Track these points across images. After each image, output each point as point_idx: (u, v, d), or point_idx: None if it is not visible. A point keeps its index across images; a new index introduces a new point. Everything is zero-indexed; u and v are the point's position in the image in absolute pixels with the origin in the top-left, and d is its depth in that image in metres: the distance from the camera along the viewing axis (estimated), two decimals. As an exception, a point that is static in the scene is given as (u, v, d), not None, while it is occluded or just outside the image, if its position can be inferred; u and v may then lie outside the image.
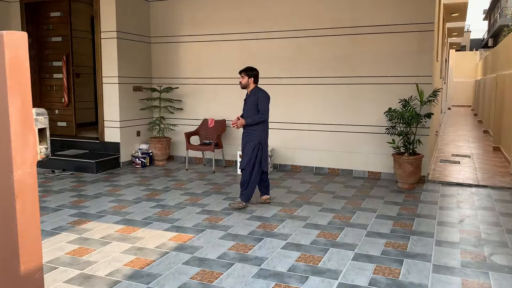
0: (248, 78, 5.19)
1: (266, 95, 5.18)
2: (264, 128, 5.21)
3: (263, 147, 5.20)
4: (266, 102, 5.14)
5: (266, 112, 5.14)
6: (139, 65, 7.95)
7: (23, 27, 8.05)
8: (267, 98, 5.17)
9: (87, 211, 5.05)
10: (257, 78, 5.24)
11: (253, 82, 5.21)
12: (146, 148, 7.80)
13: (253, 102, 5.17)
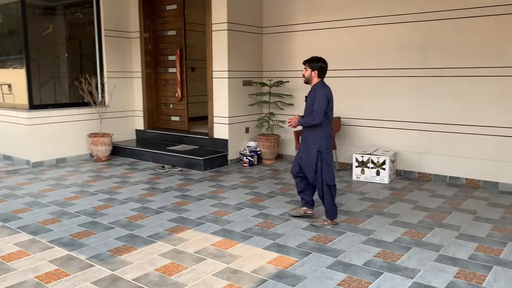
0: (312, 70, 4.30)
1: (325, 92, 4.21)
2: (323, 133, 4.28)
3: (323, 156, 4.29)
4: (322, 101, 4.17)
5: (319, 113, 4.16)
6: (249, 58, 7.51)
7: (141, 21, 8.17)
8: (324, 96, 4.19)
9: (188, 215, 4.73)
10: (323, 71, 4.31)
11: (317, 75, 4.31)
12: (254, 146, 7.36)
13: (311, 101, 4.29)
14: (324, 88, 4.25)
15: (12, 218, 4.62)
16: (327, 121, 4.27)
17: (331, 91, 4.30)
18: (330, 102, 4.26)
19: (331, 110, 4.30)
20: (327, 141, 4.30)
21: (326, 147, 4.30)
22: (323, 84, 4.31)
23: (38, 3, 7.91)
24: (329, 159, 4.33)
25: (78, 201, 5.27)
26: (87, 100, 7.54)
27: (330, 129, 4.34)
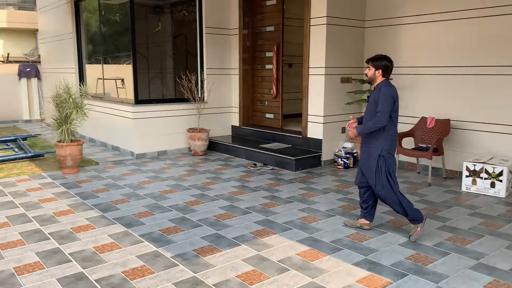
0: (375, 69, 3.98)
1: (390, 91, 3.87)
2: (386, 136, 3.93)
3: (386, 160, 3.95)
4: (387, 101, 3.84)
5: (384, 114, 3.82)
6: (349, 53, 7.10)
7: (240, 18, 8.18)
8: (389, 95, 3.85)
9: (275, 218, 4.56)
10: (388, 70, 3.97)
11: (381, 75, 3.97)
12: (350, 147, 6.96)
13: (373, 102, 3.95)
14: (389, 88, 3.93)
15: (111, 209, 4.88)
16: (391, 123, 3.95)
17: (396, 91, 3.97)
18: (396, 102, 3.92)
19: (396, 111, 3.96)
20: (390, 145, 3.97)
21: (389, 151, 3.98)
22: (387, 83, 3.99)
23: (149, 2, 8.35)
24: (393, 164, 4.00)
25: (172, 195, 5.41)
26: (187, 96, 7.77)
27: (395, 131, 4.00)
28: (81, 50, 9.75)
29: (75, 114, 6.49)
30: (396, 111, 3.95)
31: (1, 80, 12.17)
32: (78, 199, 5.24)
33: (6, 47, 14.34)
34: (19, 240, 3.97)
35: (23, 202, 5.12)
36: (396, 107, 3.94)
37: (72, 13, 9.59)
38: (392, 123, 3.96)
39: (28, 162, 7.19)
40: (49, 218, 4.56)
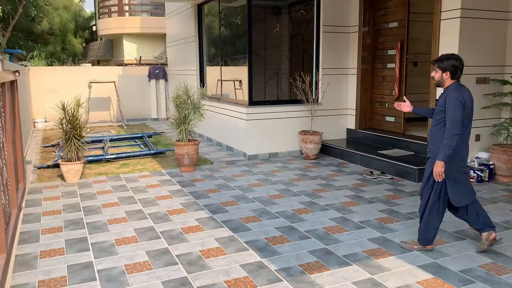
0: (442, 71, 3.55)
1: (457, 96, 3.40)
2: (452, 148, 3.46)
3: (449, 171, 3.51)
4: (455, 108, 3.39)
5: (454, 122, 3.38)
6: (486, 50, 6.16)
7: (360, 14, 7.69)
8: (457, 101, 3.39)
9: (392, 237, 4.08)
10: (457, 70, 3.50)
11: (450, 77, 3.53)
12: (486, 157, 6.04)
13: (439, 107, 3.53)
14: (458, 92, 3.47)
15: (220, 211, 4.86)
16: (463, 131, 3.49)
17: (469, 95, 3.51)
18: (466, 108, 3.45)
19: (468, 119, 3.51)
20: (455, 159, 3.52)
21: (459, 165, 3.57)
22: (457, 86, 3.54)
23: (267, 4, 8.32)
24: (459, 176, 3.58)
25: (280, 200, 5.22)
26: (300, 98, 7.54)
27: (464, 140, 3.55)
28: (202, 52, 10.15)
29: (193, 114, 6.69)
30: (466, 117, 3.49)
31: (134, 81, 13.33)
32: (191, 198, 5.35)
33: (139, 51, 15.72)
34: (133, 237, 4.13)
35: (142, 198, 5.38)
36: (467, 114, 3.48)
37: (195, 17, 10.03)
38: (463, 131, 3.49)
39: (150, 159, 7.65)
40: (162, 216, 4.69)
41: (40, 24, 14.52)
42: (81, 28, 21.54)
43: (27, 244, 3.99)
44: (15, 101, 5.40)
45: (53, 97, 12.35)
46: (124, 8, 15.84)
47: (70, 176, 6.13)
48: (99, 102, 12.89)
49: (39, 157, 7.90)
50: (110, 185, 5.99)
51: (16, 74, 5.15)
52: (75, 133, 6.09)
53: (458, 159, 3.56)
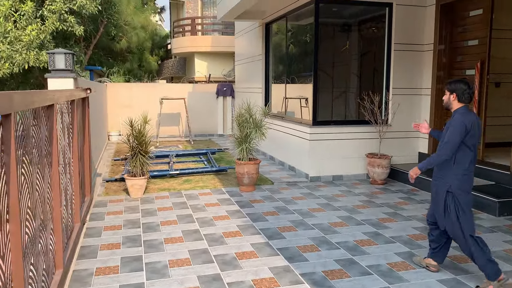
0: (450, 93, 3.62)
1: (462, 120, 3.45)
2: (456, 172, 3.51)
3: (456, 198, 3.50)
4: (456, 131, 3.44)
5: (450, 145, 3.46)
6: None
7: (436, 31, 7.22)
8: (461, 125, 3.43)
9: (467, 279, 3.62)
10: (464, 94, 3.54)
11: (457, 100, 3.58)
12: None
13: (446, 130, 3.57)
14: (465, 116, 3.50)
15: (277, 236, 4.66)
16: (465, 156, 3.50)
17: (474, 119, 3.49)
18: (472, 130, 3.45)
19: (472, 143, 3.48)
20: (461, 180, 3.50)
21: (460, 188, 3.51)
22: (464, 110, 3.55)
23: (336, 21, 8.11)
24: (466, 203, 3.52)
25: (342, 229, 4.91)
26: (368, 119, 7.18)
27: (469, 166, 3.51)
28: (268, 70, 10.12)
29: (254, 133, 6.60)
30: (472, 142, 3.48)
31: (203, 98, 13.64)
32: (248, 220, 5.21)
33: (208, 69, 16.13)
34: (187, 259, 4.05)
35: (200, 217, 5.34)
36: (471, 138, 3.48)
37: (262, 35, 10.06)
38: (465, 156, 3.50)
39: (212, 176, 7.66)
40: (218, 238, 4.59)
41: (119, 43, 15.43)
42: (157, 47, 22.66)
43: (85, 260, 4.06)
44: (85, 117, 5.64)
45: (127, 112, 12.97)
46: (196, 28, 16.40)
47: (134, 190, 6.28)
48: (170, 118, 13.33)
49: (109, 170, 8.24)
50: (171, 202, 6.04)
51: (87, 92, 5.38)
52: (141, 149, 6.24)
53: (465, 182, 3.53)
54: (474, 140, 3.50)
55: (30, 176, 2.69)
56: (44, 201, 3.11)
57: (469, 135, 3.45)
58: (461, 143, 3.46)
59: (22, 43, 9.78)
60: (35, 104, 2.64)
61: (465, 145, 3.48)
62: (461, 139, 3.44)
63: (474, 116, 3.54)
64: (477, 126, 3.49)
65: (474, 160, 3.53)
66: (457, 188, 3.50)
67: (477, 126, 3.49)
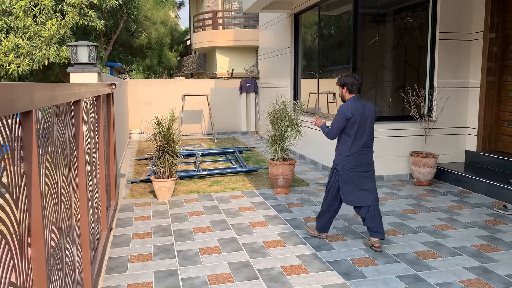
0: (341, 88, 4.12)
1: (342, 109, 3.97)
2: (340, 152, 4.10)
3: (341, 175, 4.07)
4: (337, 118, 4.00)
5: (332, 130, 4.06)
6: None
7: (486, 18, 6.59)
8: (341, 113, 3.97)
9: (560, 303, 3.07)
10: (351, 86, 4.03)
11: (348, 92, 4.08)
12: None
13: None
14: (349, 104, 4.01)
15: (324, 247, 4.16)
16: (346, 140, 4.06)
17: (362, 107, 3.99)
18: (352, 117, 3.96)
19: (356, 128, 3.98)
20: (344, 160, 4.08)
21: (344, 166, 4.08)
22: (353, 99, 4.06)
23: (375, 11, 7.53)
24: (347, 180, 4.08)
25: (397, 238, 4.38)
26: (412, 114, 6.60)
27: (352, 148, 4.03)
28: (297, 64, 9.59)
29: (290, 131, 6.10)
30: (355, 127, 3.97)
31: (225, 94, 13.18)
32: (288, 227, 4.72)
33: (231, 64, 15.66)
34: (227, 274, 3.59)
35: (235, 223, 4.87)
36: (353, 124, 3.96)
37: (291, 27, 9.52)
38: (347, 140, 4.03)
39: (242, 177, 7.20)
40: (258, 249, 4.12)
41: (139, 39, 15.07)
42: (176, 42, 22.28)
43: (114, 274, 3.63)
44: (110, 115, 5.22)
45: (148, 109, 12.61)
46: (218, 22, 15.94)
47: (161, 193, 5.85)
48: (192, 115, 12.92)
49: (133, 170, 7.84)
50: (202, 205, 5.59)
51: (112, 87, 4.95)
52: (169, 149, 5.80)
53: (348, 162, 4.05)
54: (359, 125, 3.96)
55: (55, 185, 2.24)
56: (70, 212, 2.67)
57: (349, 122, 3.96)
58: (344, 129, 4.02)
59: (42, 39, 9.45)
60: (58, 100, 2.19)
61: (345, 131, 4.02)
62: (343, 125, 3.99)
63: (361, 104, 4.01)
64: (364, 113, 3.97)
65: (358, 145, 4.01)
66: (342, 167, 4.08)
67: (363, 113, 3.96)
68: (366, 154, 4.08)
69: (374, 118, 4.09)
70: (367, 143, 4.07)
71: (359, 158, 4.05)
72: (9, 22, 9.53)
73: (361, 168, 4.07)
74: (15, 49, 9.39)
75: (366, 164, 4.09)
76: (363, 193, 4.06)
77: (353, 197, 4.08)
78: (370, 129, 4.05)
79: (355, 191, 4.07)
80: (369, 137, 4.07)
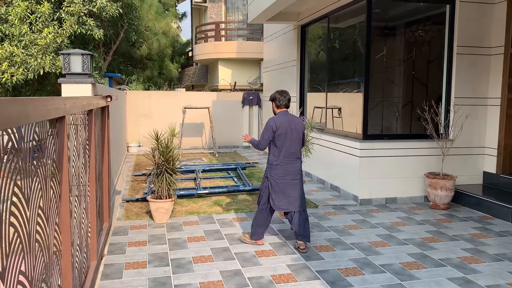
0: (272, 102, 4.57)
1: (269, 122, 4.39)
2: (270, 162, 4.44)
3: (271, 183, 4.42)
4: (265, 129, 4.41)
5: (261, 141, 4.44)
6: None
7: (509, 32, 6.21)
8: (268, 125, 4.38)
9: None
10: (279, 101, 4.46)
11: (276, 106, 4.51)
12: None
13: None
14: (275, 117, 4.38)
15: (341, 282, 3.69)
16: (276, 150, 4.39)
17: (288, 121, 4.33)
18: (278, 130, 4.30)
19: (282, 139, 4.31)
20: (273, 169, 4.41)
21: (272, 174, 4.41)
22: (281, 114, 4.42)
23: (389, 24, 7.14)
24: (275, 186, 4.38)
25: (419, 272, 3.92)
26: (429, 132, 6.19)
27: (278, 158, 4.36)
28: (303, 77, 9.20)
29: (298, 149, 5.66)
30: (282, 139, 4.30)
31: (228, 107, 12.78)
32: (299, 258, 4.27)
33: (233, 76, 15.31)
34: (233, 318, 3.12)
35: (239, 252, 4.41)
36: (279, 136, 4.30)
37: (297, 39, 9.16)
38: (275, 150, 4.38)
39: (245, 196, 6.75)
40: (267, 284, 3.66)
41: (140, 49, 14.71)
42: (177, 54, 21.97)
43: (103, 316, 3.16)
44: (105, 130, 4.79)
45: (147, 122, 12.20)
46: (220, 33, 15.63)
47: (159, 215, 5.39)
48: (192, 128, 12.50)
49: (129, 187, 7.39)
50: (202, 229, 5.13)
51: (107, 100, 4.53)
52: (168, 167, 5.36)
53: (276, 171, 4.40)
54: (284, 138, 4.31)
55: (26, 225, 1.80)
56: (49, 250, 2.23)
57: (276, 134, 4.32)
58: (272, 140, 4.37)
59: (38, 47, 9.07)
60: (31, 118, 1.76)
61: (273, 142, 4.37)
62: (270, 136, 4.34)
63: (288, 118, 4.37)
64: (289, 126, 4.31)
65: (285, 155, 4.34)
66: (269, 174, 4.41)
67: (289, 126, 4.31)
68: (293, 163, 4.41)
69: (302, 131, 4.43)
70: (295, 154, 4.41)
71: (287, 167, 4.39)
72: (4, 30, 9.16)
73: (289, 176, 4.40)
74: (9, 57, 9.00)
75: (293, 173, 4.42)
76: (290, 199, 4.39)
77: (280, 203, 4.41)
78: (297, 141, 4.40)
79: (283, 198, 4.40)
80: (297, 149, 4.41)
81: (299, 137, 4.39)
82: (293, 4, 7.88)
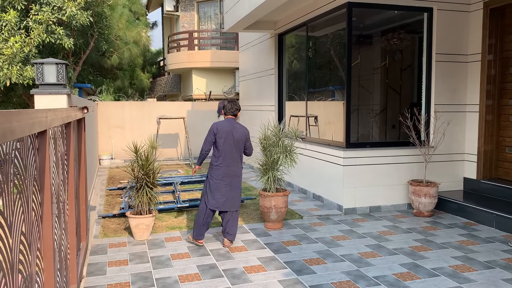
0: (222, 110, 5.05)
1: (212, 126, 4.86)
2: (211, 162, 4.85)
3: (209, 183, 4.80)
4: (207, 134, 4.86)
5: (204, 143, 4.86)
6: None
7: (484, 40, 6.32)
8: (210, 129, 4.83)
9: None
10: (226, 110, 4.93)
11: (224, 114, 4.97)
12: None
13: None
14: (218, 122, 4.83)
15: (338, 298, 3.56)
16: (217, 152, 4.80)
17: (230, 128, 4.77)
18: (217, 134, 4.76)
19: (222, 143, 4.73)
20: (213, 170, 4.80)
21: (212, 174, 4.79)
22: (226, 120, 4.87)
23: (369, 32, 7.15)
24: (212, 186, 4.76)
25: (415, 284, 3.84)
26: (412, 140, 6.19)
27: (220, 159, 4.76)
28: (281, 86, 9.13)
29: (283, 159, 5.54)
30: (221, 143, 4.73)
31: (203, 117, 12.56)
32: (290, 272, 4.11)
33: (208, 85, 15.11)
34: None
35: (227, 269, 4.22)
36: (220, 140, 4.73)
37: (275, 48, 9.09)
38: (216, 152, 4.80)
39: (227, 208, 6.54)
40: (260, 303, 3.48)
41: (110, 59, 14.31)
42: (149, 63, 21.58)
43: None
44: (81, 143, 4.52)
45: (119, 133, 11.83)
46: (194, 42, 15.42)
47: (139, 232, 5.13)
48: (167, 139, 12.20)
49: (104, 202, 7.06)
50: (186, 245, 4.91)
51: (84, 111, 4.28)
52: (148, 181, 5.11)
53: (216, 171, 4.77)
54: (222, 143, 4.71)
55: (8, 255, 1.57)
56: (31, 279, 1.99)
57: (217, 137, 4.74)
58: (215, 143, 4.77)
59: (4, 57, 8.63)
60: (17, 133, 1.55)
61: (215, 145, 4.78)
62: (211, 138, 4.78)
63: (232, 125, 4.79)
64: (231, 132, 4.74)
65: (225, 158, 4.72)
66: (211, 175, 4.77)
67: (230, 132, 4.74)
68: (232, 166, 4.77)
69: (244, 139, 4.81)
70: (236, 158, 4.78)
71: (226, 169, 4.75)
72: (-34, 39, 8.68)
73: (227, 178, 4.75)
74: (-28, 68, 8.52)
75: (232, 175, 4.77)
76: (225, 200, 4.74)
77: (215, 202, 4.74)
78: (238, 148, 4.79)
79: (220, 198, 4.73)
80: (237, 153, 4.79)
81: (240, 145, 4.79)
82: (271, 13, 7.82)
